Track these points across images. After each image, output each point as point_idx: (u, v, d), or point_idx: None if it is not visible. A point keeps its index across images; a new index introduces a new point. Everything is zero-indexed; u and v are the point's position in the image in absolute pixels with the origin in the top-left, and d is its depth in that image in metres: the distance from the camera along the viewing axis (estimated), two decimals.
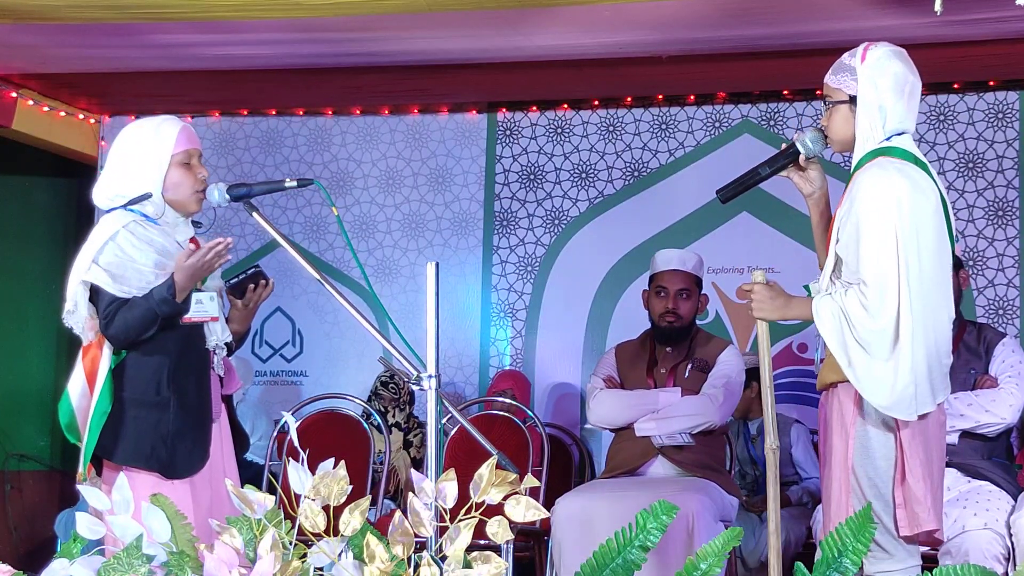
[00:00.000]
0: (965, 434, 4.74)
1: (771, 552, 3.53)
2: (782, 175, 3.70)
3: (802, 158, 3.65)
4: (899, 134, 3.53)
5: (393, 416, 6.46)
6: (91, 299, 3.73)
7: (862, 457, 3.46)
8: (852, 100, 3.53)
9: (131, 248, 3.70)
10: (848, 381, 3.44)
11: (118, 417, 3.68)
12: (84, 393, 3.71)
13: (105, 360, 3.69)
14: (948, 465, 4.64)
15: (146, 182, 3.75)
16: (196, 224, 3.91)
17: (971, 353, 4.85)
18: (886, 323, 3.36)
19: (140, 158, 3.77)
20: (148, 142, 3.78)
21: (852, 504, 3.45)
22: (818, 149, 3.64)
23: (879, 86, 3.50)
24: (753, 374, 5.34)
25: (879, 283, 3.37)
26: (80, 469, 3.69)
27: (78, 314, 3.74)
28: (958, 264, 4.84)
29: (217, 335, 3.83)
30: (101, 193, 3.82)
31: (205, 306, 3.77)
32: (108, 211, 3.80)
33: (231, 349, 3.96)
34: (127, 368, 3.71)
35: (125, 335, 3.66)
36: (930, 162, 3.74)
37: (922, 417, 3.43)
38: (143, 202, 3.75)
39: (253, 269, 3.91)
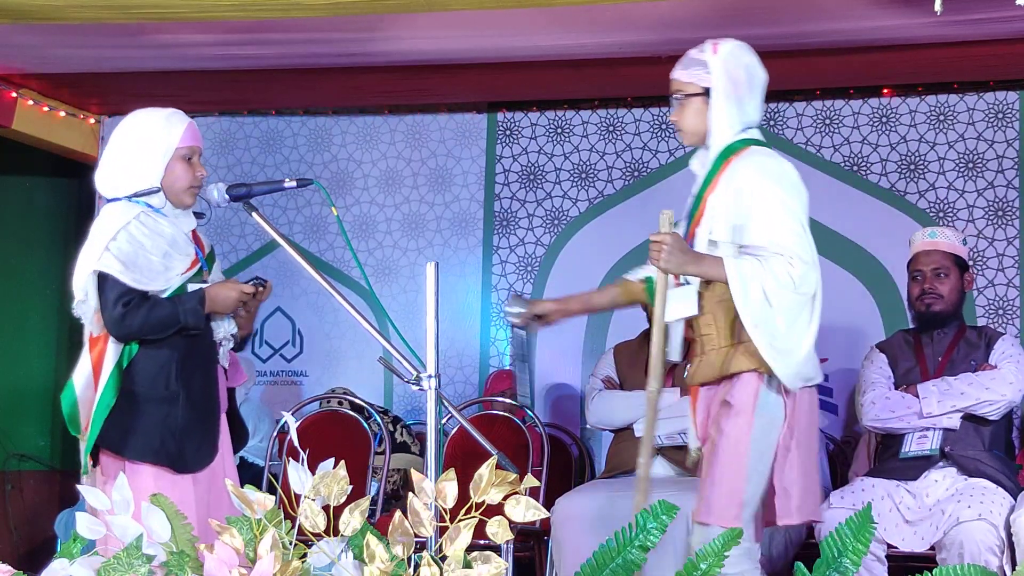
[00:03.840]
0: (966, 417, 4.75)
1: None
2: (529, 332, 3.85)
3: (522, 321, 3.83)
4: (749, 127, 3.65)
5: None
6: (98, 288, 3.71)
7: (755, 443, 3.57)
8: (706, 92, 3.61)
9: (143, 237, 3.70)
10: (751, 371, 3.52)
11: (127, 412, 3.68)
12: (89, 384, 3.71)
13: (111, 354, 3.68)
14: (946, 456, 4.69)
15: (150, 171, 3.76)
16: (198, 215, 3.93)
17: (971, 347, 4.90)
18: (807, 295, 3.49)
19: (147, 147, 3.78)
20: (156, 131, 3.80)
21: (746, 489, 3.56)
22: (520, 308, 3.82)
23: (735, 78, 3.63)
24: None
25: (803, 257, 3.48)
26: (83, 462, 3.70)
27: (88, 304, 3.73)
28: (964, 266, 4.89)
29: (224, 328, 3.85)
30: (105, 180, 3.82)
31: None
32: (110, 200, 3.80)
33: (238, 346, 3.97)
34: (137, 363, 3.71)
35: (140, 330, 3.66)
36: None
37: (802, 399, 3.56)
38: (150, 195, 3.77)
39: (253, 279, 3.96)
